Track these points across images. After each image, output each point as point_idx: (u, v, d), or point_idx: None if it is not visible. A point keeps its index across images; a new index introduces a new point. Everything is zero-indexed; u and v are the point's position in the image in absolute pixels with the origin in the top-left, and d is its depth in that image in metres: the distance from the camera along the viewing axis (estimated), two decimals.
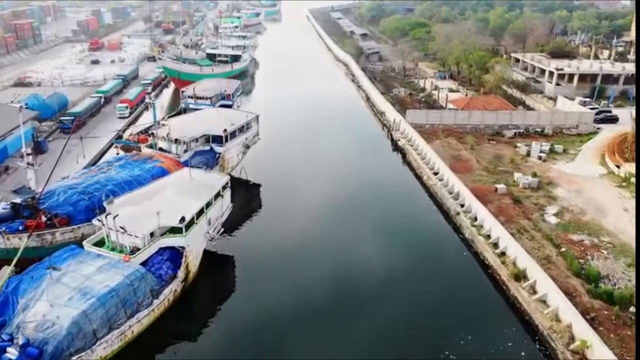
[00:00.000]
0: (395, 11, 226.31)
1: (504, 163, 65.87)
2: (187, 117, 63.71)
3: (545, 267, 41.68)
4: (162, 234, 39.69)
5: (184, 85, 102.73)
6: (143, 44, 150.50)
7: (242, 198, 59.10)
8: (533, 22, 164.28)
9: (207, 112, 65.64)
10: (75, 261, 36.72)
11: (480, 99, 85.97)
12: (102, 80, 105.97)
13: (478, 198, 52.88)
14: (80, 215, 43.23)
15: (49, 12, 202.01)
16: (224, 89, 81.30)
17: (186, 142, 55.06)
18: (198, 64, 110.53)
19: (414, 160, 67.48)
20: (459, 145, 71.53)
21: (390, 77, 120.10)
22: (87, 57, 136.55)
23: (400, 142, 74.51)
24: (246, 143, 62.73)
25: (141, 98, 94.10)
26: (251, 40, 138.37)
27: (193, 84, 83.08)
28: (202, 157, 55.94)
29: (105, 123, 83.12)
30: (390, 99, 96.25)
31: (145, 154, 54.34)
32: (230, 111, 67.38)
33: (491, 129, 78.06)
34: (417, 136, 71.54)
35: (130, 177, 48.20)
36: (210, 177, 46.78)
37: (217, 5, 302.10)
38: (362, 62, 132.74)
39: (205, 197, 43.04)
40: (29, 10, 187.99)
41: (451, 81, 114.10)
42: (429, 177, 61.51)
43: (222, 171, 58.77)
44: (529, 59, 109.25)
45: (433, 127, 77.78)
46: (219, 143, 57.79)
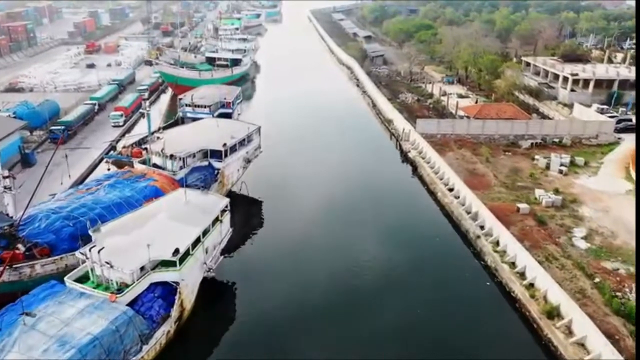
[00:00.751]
0: (398, 12, 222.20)
1: (523, 177, 61.58)
2: (183, 129, 59.46)
3: (581, 303, 37.41)
4: (154, 267, 35.43)
5: (181, 91, 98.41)
6: (141, 47, 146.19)
7: (242, 216, 54.91)
8: (540, 24, 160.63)
9: (205, 123, 61.39)
10: (54, 302, 32.45)
11: (493, 106, 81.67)
12: (96, 86, 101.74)
13: (499, 219, 48.65)
14: (64, 244, 38.99)
15: (45, 14, 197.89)
16: (224, 97, 77.06)
17: (182, 158, 50.82)
18: (197, 68, 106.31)
19: (426, 175, 63.17)
20: (474, 157, 67.24)
21: (396, 82, 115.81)
22: (82, 60, 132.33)
23: (411, 153, 70.20)
24: (247, 157, 58.48)
25: (137, 105, 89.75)
26: (252, 43, 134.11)
27: (191, 91, 78.81)
28: (200, 174, 51.70)
29: (99, 132, 78.88)
30: (397, 105, 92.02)
31: (138, 171, 50.07)
32: (230, 122, 63.17)
33: (506, 139, 73.78)
34: (429, 148, 67.25)
35: (120, 199, 43.95)
36: (208, 200, 42.51)
37: (217, 5, 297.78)
38: (366, 65, 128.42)
39: (202, 224, 38.80)
40: (25, 11, 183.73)
41: (459, 86, 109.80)
42: (443, 194, 57.23)
43: (222, 188, 54.68)
44: (541, 63, 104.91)
45: (445, 137, 73.49)
46: (217, 158, 53.54)
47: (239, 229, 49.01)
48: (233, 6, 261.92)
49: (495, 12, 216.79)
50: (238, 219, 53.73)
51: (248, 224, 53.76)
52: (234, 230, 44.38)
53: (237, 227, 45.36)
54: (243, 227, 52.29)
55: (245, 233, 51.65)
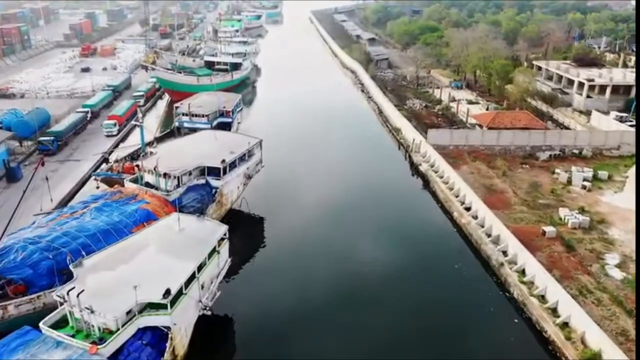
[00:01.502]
0: (402, 13, 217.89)
1: (544, 194, 57.31)
2: (178, 142, 55.17)
3: (625, 348, 33.14)
4: (142, 309, 31.16)
5: (179, 97, 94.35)
6: (138, 50, 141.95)
7: (241, 236, 50.71)
8: (548, 26, 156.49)
9: (202, 136, 57.11)
10: (26, 354, 28.17)
11: (507, 114, 77.36)
12: (90, 92, 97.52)
13: (523, 244, 44.38)
14: (42, 281, 34.82)
15: (41, 15, 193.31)
16: (223, 105, 72.80)
17: (177, 176, 46.56)
18: (195, 73, 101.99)
19: (440, 191, 58.86)
20: (490, 171, 62.97)
21: (402, 87, 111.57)
22: (77, 64, 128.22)
23: (422, 167, 65.89)
24: (248, 173, 54.24)
25: (132, 113, 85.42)
26: (252, 46, 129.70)
27: (188, 99, 74.56)
28: (196, 194, 47.46)
29: (91, 142, 74.63)
30: (405, 113, 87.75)
31: (128, 191, 45.81)
32: (229, 135, 58.86)
33: (523, 151, 69.52)
34: (442, 161, 62.95)
35: (107, 225, 39.72)
36: (204, 228, 38.20)
37: (217, 6, 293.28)
38: (371, 69, 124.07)
39: (197, 257, 34.49)
40: (20, 13, 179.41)
41: (468, 91, 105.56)
42: (460, 213, 52.90)
43: (220, 208, 50.43)
44: (555, 68, 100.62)
45: (457, 148, 69.22)
46: (215, 176, 49.30)
47: (239, 251, 44.79)
48: (233, 7, 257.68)
49: (499, 13, 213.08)
50: (237, 241, 49.47)
51: (248, 247, 49.55)
52: (233, 253, 40.12)
53: (236, 249, 41.20)
54: (242, 250, 48.09)
55: (244, 257, 47.53)
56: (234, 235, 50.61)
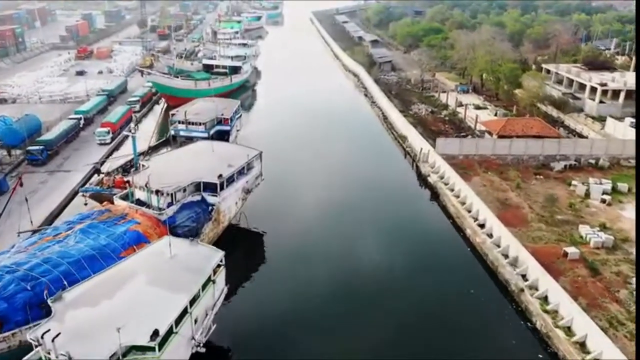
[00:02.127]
0: (404, 14, 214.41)
1: (562, 209, 53.91)
2: (173, 155, 51.76)
3: None
4: (127, 352, 27.82)
5: (176, 102, 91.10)
6: (135, 52, 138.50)
7: (239, 255, 47.86)
8: (553, 27, 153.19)
9: (198, 147, 53.68)
10: None
11: (519, 121, 73.94)
12: (84, 96, 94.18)
13: (544, 267, 41.03)
14: (18, 316, 31.53)
15: (37, 17, 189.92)
16: (221, 112, 69.37)
17: (170, 193, 43.20)
18: (193, 77, 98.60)
19: (450, 205, 55.43)
20: (503, 183, 59.58)
21: (407, 91, 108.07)
22: (73, 66, 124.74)
23: (431, 178, 62.48)
24: (247, 188, 50.88)
25: (126, 119, 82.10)
26: (252, 48, 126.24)
27: (184, 106, 71.15)
28: (191, 212, 44.10)
29: (83, 151, 71.35)
30: (411, 119, 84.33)
31: (118, 210, 42.44)
32: (227, 147, 55.43)
33: (536, 160, 66.14)
34: (452, 173, 59.55)
35: (93, 250, 36.39)
36: (198, 254, 34.80)
37: (216, 7, 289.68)
38: (374, 72, 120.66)
39: (189, 289, 31.17)
40: (16, 14, 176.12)
41: (475, 95, 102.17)
42: (473, 231, 49.50)
43: (217, 226, 47.08)
44: (565, 72, 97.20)
45: (468, 158, 65.84)
46: (212, 192, 45.94)
47: (237, 270, 42.29)
48: (233, 8, 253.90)
49: (503, 14, 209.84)
50: (235, 260, 46.47)
51: (247, 267, 46.48)
52: (231, 273, 36.86)
53: (234, 268, 38.11)
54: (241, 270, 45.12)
55: (243, 278, 44.46)
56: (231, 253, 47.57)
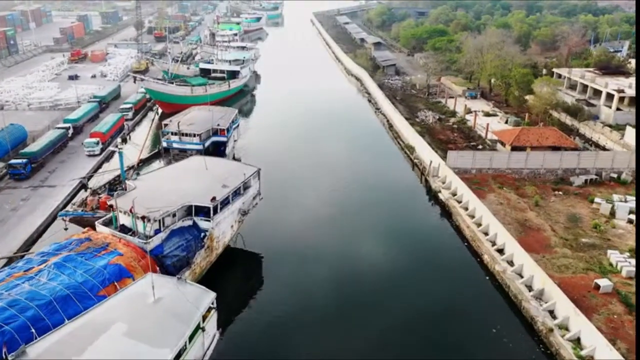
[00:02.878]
0: (407, 15, 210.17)
1: (586, 230, 49.61)
2: (162, 173, 47.24)
3: None
4: None
5: (171, 109, 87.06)
6: (130, 55, 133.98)
7: (234, 281, 44.06)
8: (560, 28, 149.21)
9: (190, 164, 49.26)
10: None
11: (533, 131, 69.63)
12: (75, 103, 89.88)
13: (575, 302, 36.73)
14: None
15: (32, 18, 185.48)
16: (217, 122, 64.98)
17: (158, 219, 38.87)
18: (189, 82, 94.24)
19: (465, 227, 51.02)
20: (520, 200, 55.23)
21: (412, 96, 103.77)
22: (65, 70, 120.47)
23: (442, 194, 58.11)
24: (243, 209, 46.55)
25: (118, 128, 77.99)
26: (251, 51, 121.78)
27: (177, 116, 66.85)
28: (181, 240, 39.77)
29: (70, 163, 67.08)
30: (418, 128, 80.00)
31: (99, 239, 38.05)
32: (222, 163, 50.92)
33: (554, 175, 61.87)
34: (466, 190, 55.17)
35: (68, 289, 32.01)
36: (186, 296, 30.43)
37: (215, 7, 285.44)
38: (378, 77, 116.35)
39: (175, 341, 26.90)
40: (9, 15, 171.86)
41: (484, 101, 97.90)
42: (492, 257, 45.13)
43: (211, 254, 42.78)
44: (578, 77, 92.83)
45: (481, 172, 61.54)
46: (205, 216, 41.62)
47: (234, 296, 39.76)
48: (232, 9, 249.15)
49: (507, 15, 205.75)
50: (230, 287, 42.71)
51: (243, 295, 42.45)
52: (227, 300, 32.82)
53: (229, 297, 34.17)
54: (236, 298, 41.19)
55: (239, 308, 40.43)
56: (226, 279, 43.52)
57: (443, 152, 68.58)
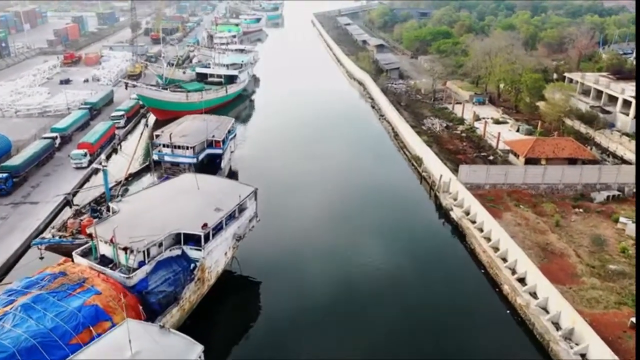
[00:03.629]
0: (410, 16, 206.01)
1: (612, 255, 45.48)
2: (149, 194, 42.89)
3: None
4: None
5: (165, 116, 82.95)
6: (126, 58, 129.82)
7: (229, 311, 40.00)
8: (567, 30, 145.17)
9: (181, 184, 44.98)
10: None
11: (548, 142, 65.48)
12: (65, 110, 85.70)
13: (609, 343, 32.60)
14: None
15: (26, 19, 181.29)
16: (212, 133, 60.70)
17: (142, 250, 34.73)
18: (184, 88, 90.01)
19: (481, 251, 46.83)
20: (539, 220, 51.03)
21: (417, 102, 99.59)
22: (58, 74, 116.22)
23: (454, 213, 53.93)
24: (239, 234, 42.43)
25: (108, 137, 73.87)
26: (250, 55, 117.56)
27: (169, 126, 62.60)
28: (168, 272, 35.64)
29: (56, 177, 62.96)
30: (425, 136, 75.84)
31: (75, 273, 33.87)
32: (215, 182, 46.58)
33: (573, 190, 57.74)
34: (480, 208, 50.94)
35: (35, 337, 27.91)
36: (169, 349, 26.30)
37: (214, 8, 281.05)
38: (381, 81, 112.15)
39: None
40: (3, 17, 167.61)
41: (492, 107, 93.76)
42: (512, 287, 40.94)
43: (202, 286, 38.63)
44: (592, 82, 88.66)
45: (495, 187, 57.37)
46: (195, 245, 37.48)
47: (229, 327, 35.55)
48: (232, 9, 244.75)
49: (512, 15, 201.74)
50: (224, 317, 38.78)
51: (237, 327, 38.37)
52: (220, 334, 28.70)
53: (223, 328, 29.81)
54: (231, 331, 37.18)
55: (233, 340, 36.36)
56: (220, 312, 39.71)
57: (453, 164, 64.51)
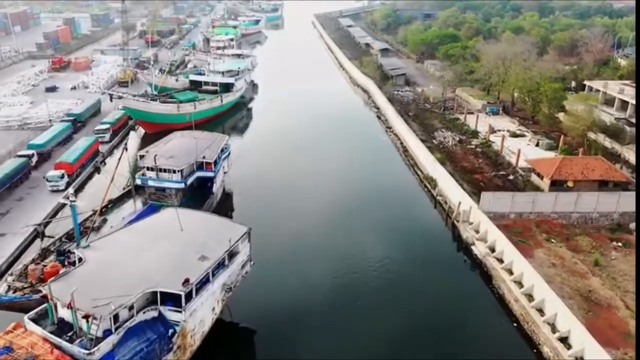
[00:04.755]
0: (414, 17, 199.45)
1: None
2: (121, 239, 36.17)
3: None
4: None
5: (155, 129, 76.53)
6: (117, 63, 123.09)
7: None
8: (580, 33, 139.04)
9: (160, 222, 38.17)
10: None
11: (577, 161, 58.93)
12: (47, 122, 79.14)
13: None
14: None
15: (16, 21, 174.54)
16: (202, 154, 53.99)
17: (107, 318, 28.23)
18: (176, 98, 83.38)
19: (512, 299, 40.21)
20: (576, 259, 44.47)
21: (426, 111, 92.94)
22: (44, 80, 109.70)
23: (477, 248, 47.36)
24: (229, 285, 35.91)
25: (91, 154, 67.40)
26: (248, 60, 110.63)
27: (155, 145, 55.79)
28: (140, 342, 29.15)
29: (30, 202, 56.40)
30: (437, 152, 69.36)
31: (22, 349, 27.32)
32: (202, 221, 39.60)
33: (608, 219, 51.25)
34: (507, 244, 44.31)
35: None
36: None
37: (213, 9, 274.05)
38: (387, 89, 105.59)
39: None
40: None
41: (507, 118, 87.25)
42: (555, 351, 34.32)
43: (183, 354, 32.05)
44: (616, 92, 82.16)
45: (521, 217, 50.84)
46: (174, 305, 30.98)
47: None
48: (230, 10, 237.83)
49: (518, 17, 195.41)
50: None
51: None
52: None
53: None
54: None
55: None
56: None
57: (470, 186, 58.17)
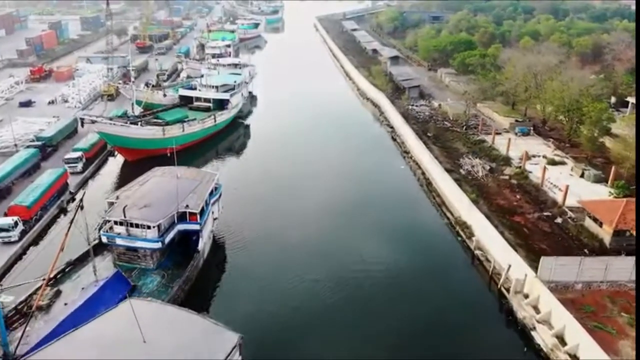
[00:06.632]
0: (422, 20, 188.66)
1: None
2: (76, 339, 25.35)
3: None
4: None
5: (136, 156, 65.93)
6: (103, 72, 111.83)
7: None
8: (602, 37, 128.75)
9: (117, 325, 27.52)
10: None
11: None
12: (12, 146, 68.31)
13: None
14: None
15: (0, 24, 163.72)
16: (185, 201, 43.09)
17: None
18: (162, 118, 72.45)
19: None
20: None
21: (446, 131, 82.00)
22: (21, 93, 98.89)
23: (539, 335, 36.26)
24: None
25: (55, 192, 56.31)
26: (246, 70, 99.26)
27: (128, 187, 45.08)
28: None
29: None
30: (467, 186, 58.62)
31: None
32: (174, 327, 28.34)
33: None
34: (583, 334, 33.30)
35: None
36: None
37: (211, 10, 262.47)
38: (401, 104, 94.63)
39: None
40: None
41: (540, 139, 76.57)
42: None
43: None
44: None
45: (590, 287, 39.97)
46: None
47: None
48: (228, 13, 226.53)
49: (530, 19, 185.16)
50: None
51: None
52: None
53: None
54: None
55: None
56: None
57: (513, 234, 47.64)
